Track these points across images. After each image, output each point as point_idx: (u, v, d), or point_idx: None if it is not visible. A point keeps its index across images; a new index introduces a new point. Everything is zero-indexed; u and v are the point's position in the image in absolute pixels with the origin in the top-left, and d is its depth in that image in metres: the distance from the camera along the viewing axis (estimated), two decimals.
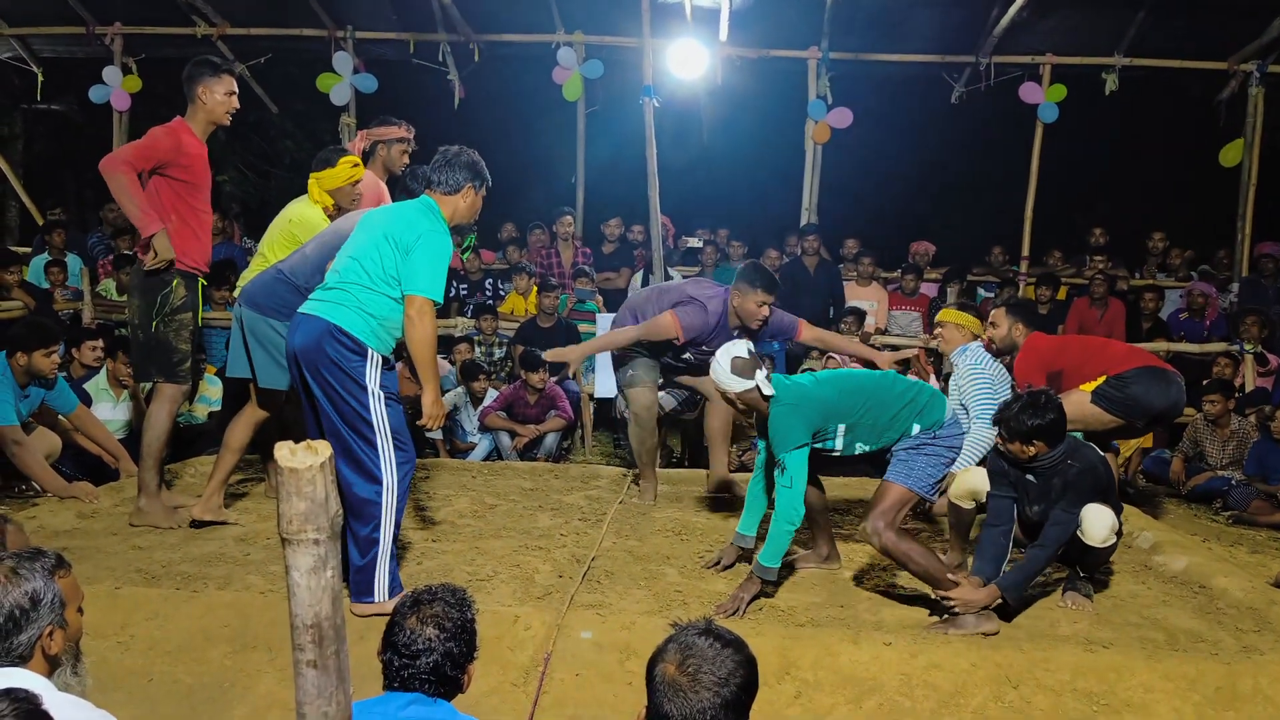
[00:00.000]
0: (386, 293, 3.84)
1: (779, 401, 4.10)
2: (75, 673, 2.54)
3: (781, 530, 4.03)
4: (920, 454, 4.06)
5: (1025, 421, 4.01)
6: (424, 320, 3.83)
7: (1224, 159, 9.81)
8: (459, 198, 4.02)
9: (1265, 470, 7.11)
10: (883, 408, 4.10)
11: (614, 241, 10.11)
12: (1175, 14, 9.20)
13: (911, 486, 4.02)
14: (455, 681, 2.51)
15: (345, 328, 3.76)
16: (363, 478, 3.82)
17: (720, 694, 1.95)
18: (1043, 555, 4.06)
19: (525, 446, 7.85)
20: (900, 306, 9.67)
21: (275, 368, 4.52)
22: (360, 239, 3.96)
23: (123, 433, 6.57)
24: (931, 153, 14.00)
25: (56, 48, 10.87)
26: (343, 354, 3.75)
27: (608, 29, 9.86)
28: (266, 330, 4.53)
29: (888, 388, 4.17)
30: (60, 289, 9.12)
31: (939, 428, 4.07)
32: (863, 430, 4.12)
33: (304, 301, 4.32)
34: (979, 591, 3.94)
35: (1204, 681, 3.60)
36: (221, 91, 4.78)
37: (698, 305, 5.28)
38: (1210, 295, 9.57)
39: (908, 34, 9.71)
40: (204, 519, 4.82)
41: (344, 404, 3.78)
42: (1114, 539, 4.19)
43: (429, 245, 3.84)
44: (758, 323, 5.29)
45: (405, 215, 3.95)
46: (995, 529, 4.23)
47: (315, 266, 4.44)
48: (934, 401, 4.12)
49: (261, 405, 4.82)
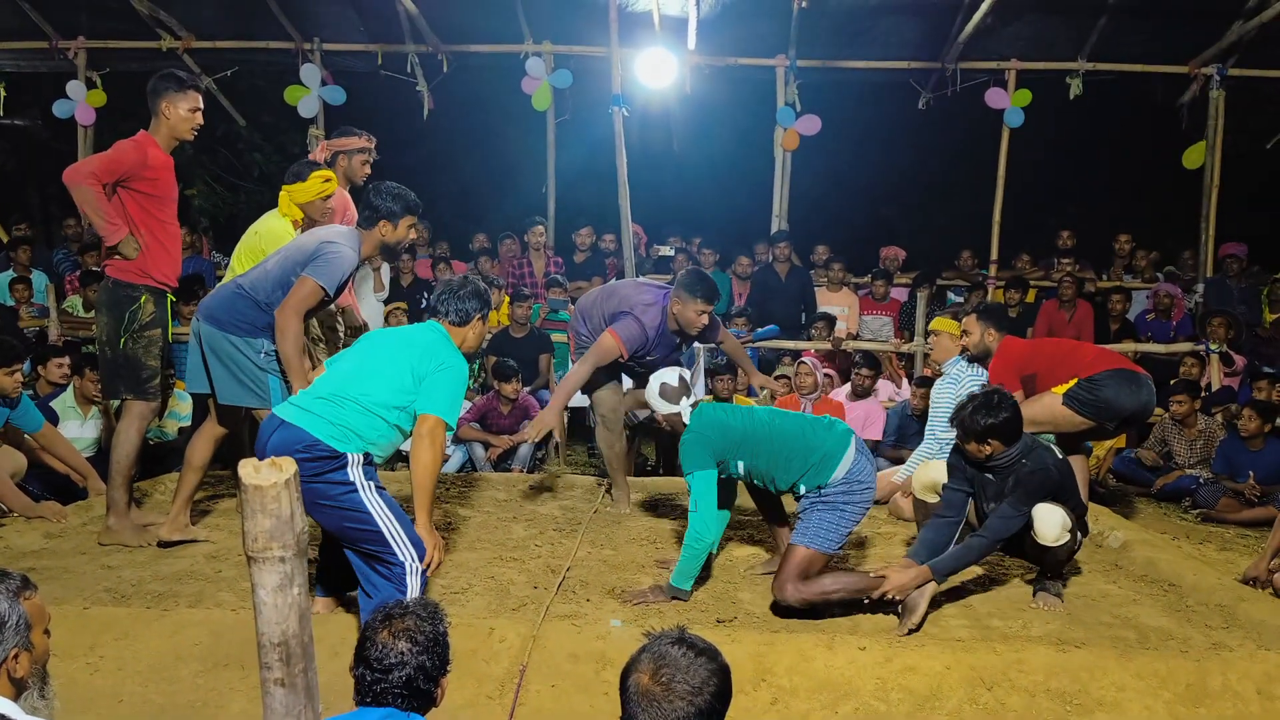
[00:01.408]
0: (384, 416, 3.64)
1: (689, 428, 4.31)
2: (42, 695, 2.50)
3: (689, 552, 4.17)
4: (815, 511, 4.11)
5: (979, 421, 4.09)
6: (435, 443, 3.64)
7: (1187, 161, 9.95)
8: (468, 329, 3.93)
9: (1232, 468, 7.20)
10: (780, 456, 4.19)
11: (585, 250, 10.11)
12: (1137, 19, 9.32)
13: (810, 545, 4.05)
14: (429, 695, 2.49)
15: (327, 442, 3.52)
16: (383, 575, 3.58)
17: (694, 703, 1.95)
18: (979, 544, 4.12)
19: (499, 457, 7.82)
20: (871, 311, 9.74)
21: (234, 383, 4.43)
22: (368, 354, 3.79)
23: (91, 450, 6.49)
24: (900, 158, 14.11)
25: (19, 62, 10.74)
26: (317, 465, 3.50)
27: (576, 39, 9.87)
28: (225, 346, 4.40)
29: (786, 439, 4.21)
30: (25, 306, 9.02)
31: (826, 487, 4.11)
32: (759, 471, 4.27)
33: (265, 318, 4.32)
34: (907, 572, 4.02)
35: (1175, 679, 3.64)
36: (185, 107, 4.72)
37: (633, 319, 5.30)
38: (1176, 296, 9.70)
39: (874, 41, 9.79)
40: (171, 539, 4.76)
41: (333, 510, 3.55)
42: (1068, 537, 4.23)
43: (451, 372, 3.72)
44: (696, 330, 5.33)
45: (422, 340, 3.80)
46: (942, 519, 4.31)
47: (276, 282, 4.35)
48: (824, 463, 4.12)
49: (221, 421, 4.74)
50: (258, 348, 4.37)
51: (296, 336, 4.28)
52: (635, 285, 5.72)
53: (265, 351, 4.37)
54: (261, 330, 4.37)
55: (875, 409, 7.72)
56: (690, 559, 4.17)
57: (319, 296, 4.31)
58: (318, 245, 4.33)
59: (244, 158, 13.20)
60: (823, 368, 8.07)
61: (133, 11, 9.46)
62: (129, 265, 4.71)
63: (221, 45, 10.15)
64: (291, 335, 4.26)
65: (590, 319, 5.57)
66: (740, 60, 9.99)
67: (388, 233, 4.40)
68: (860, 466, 4.15)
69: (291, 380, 4.29)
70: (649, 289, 5.53)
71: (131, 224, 4.67)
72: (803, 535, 4.09)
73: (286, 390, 4.33)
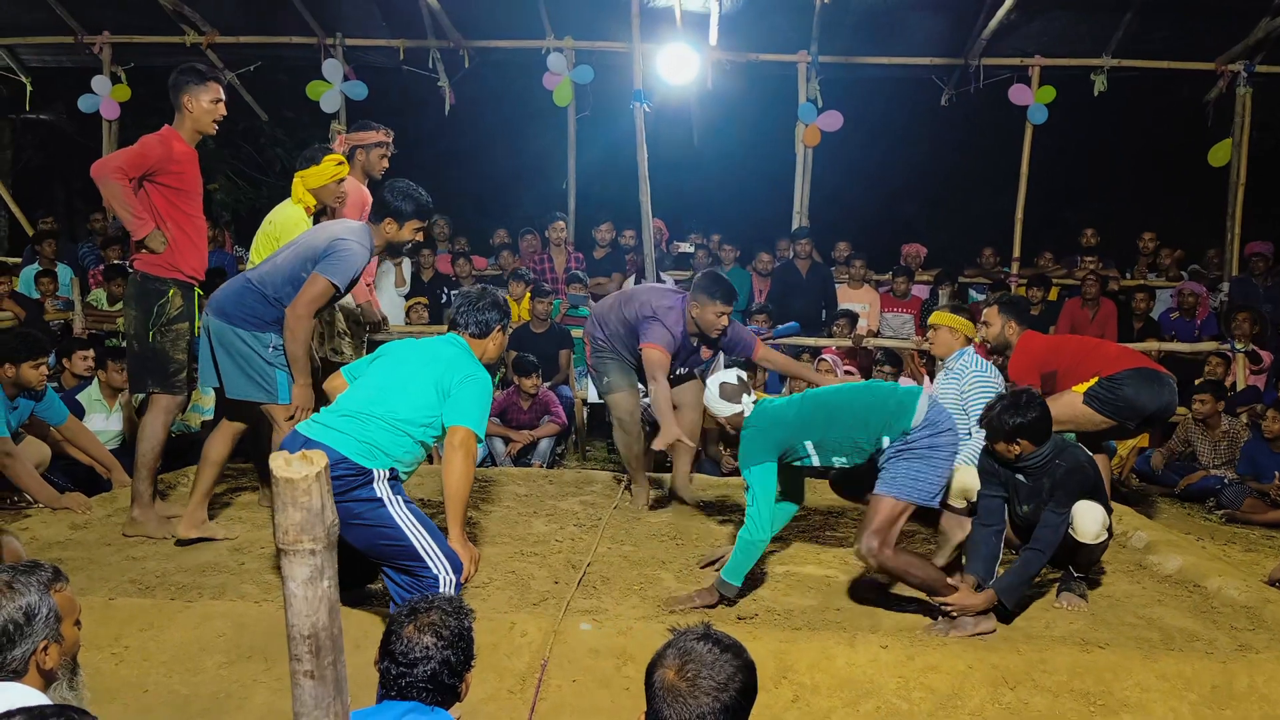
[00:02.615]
0: (409, 433, 3.63)
1: (747, 424, 4.23)
2: (72, 687, 2.53)
3: (743, 546, 4.09)
4: (902, 460, 3.97)
5: (1007, 421, 4.02)
6: (468, 455, 3.63)
7: (1213, 159, 9.86)
8: (488, 341, 3.93)
9: (1257, 469, 7.13)
10: (846, 421, 4.09)
11: (605, 246, 10.11)
12: (1163, 15, 9.25)
13: (898, 495, 3.93)
14: (453, 689, 2.51)
15: (353, 459, 3.51)
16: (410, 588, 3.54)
17: (719, 699, 1.95)
18: (1037, 559, 4.05)
19: (519, 452, 7.84)
20: (892, 309, 9.69)
21: (242, 378, 4.41)
22: (391, 371, 3.75)
23: (115, 443, 6.54)
24: (922, 155, 14.06)
25: (45, 57, 10.84)
26: (344, 482, 3.46)
27: (597, 34, 9.87)
28: (234, 340, 4.37)
29: (851, 401, 4.15)
30: (50, 299, 9.08)
31: (911, 433, 3.98)
32: (831, 444, 4.13)
33: (274, 312, 4.31)
34: (976, 596, 3.94)
35: (1200, 680, 3.61)
36: (207, 100, 4.75)
37: (658, 323, 5.28)
38: (1201, 295, 9.61)
39: (897, 37, 9.75)
40: (189, 536, 4.72)
41: (363, 529, 3.51)
42: (1105, 536, 4.20)
43: (477, 385, 3.71)
44: (716, 333, 5.30)
45: (445, 355, 3.79)
46: (987, 529, 4.22)
47: (287, 277, 4.33)
48: (900, 410, 4.01)
49: (235, 416, 4.72)
50: (266, 342, 4.36)
51: (306, 335, 4.28)
52: (653, 290, 5.72)
53: (273, 346, 4.35)
54: (270, 325, 4.35)
55: None
56: (744, 554, 4.09)
57: (330, 294, 4.30)
58: (330, 242, 4.31)
59: (266, 153, 13.29)
60: (844, 365, 8.04)
61: (157, 7, 9.52)
62: (157, 259, 4.74)
63: (245, 40, 10.21)
64: (301, 335, 4.26)
65: (607, 324, 5.56)
66: (762, 56, 9.96)
67: (392, 231, 4.42)
68: (939, 410, 4.06)
69: (297, 378, 4.31)
70: (667, 293, 5.52)
71: (158, 218, 4.70)
72: (888, 485, 3.94)
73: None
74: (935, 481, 3.98)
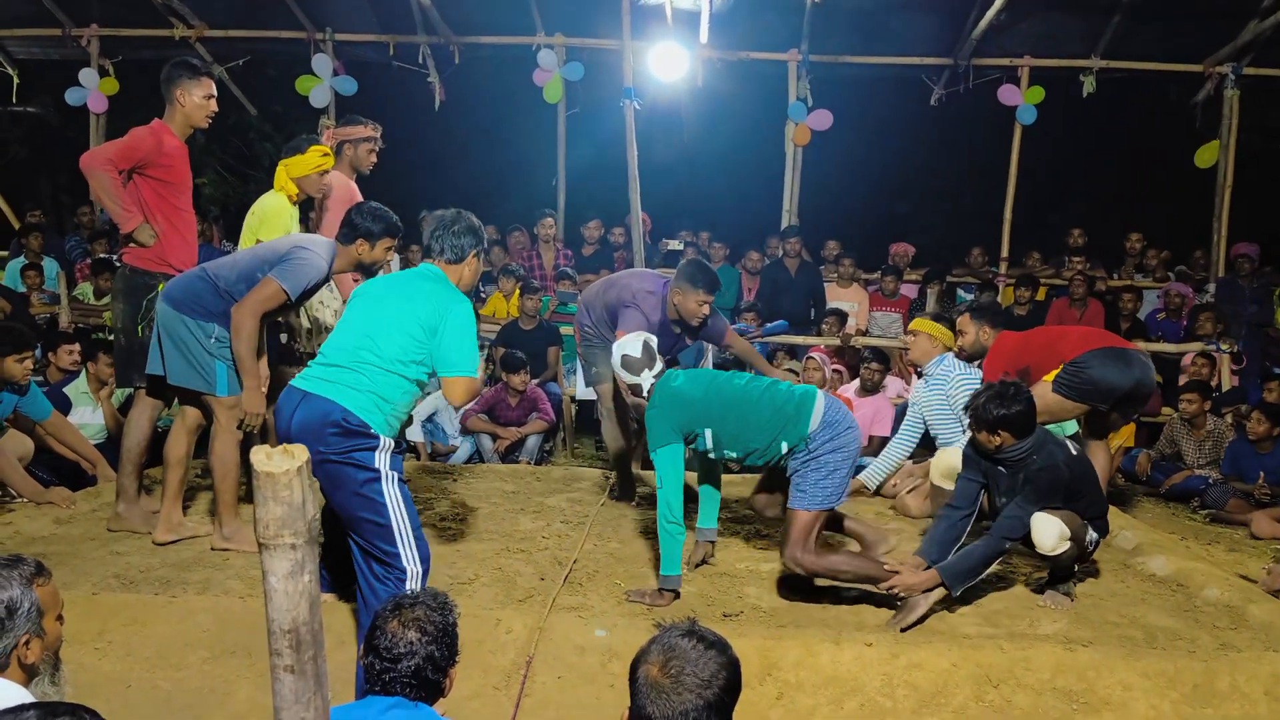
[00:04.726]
0: (402, 373, 3.54)
1: (650, 404, 4.21)
2: (54, 682, 2.51)
3: (661, 535, 4.11)
4: (810, 471, 4.03)
5: (991, 411, 4.07)
6: (471, 394, 3.76)
7: (1200, 160, 9.91)
8: (463, 266, 3.82)
9: (1241, 470, 7.16)
10: (748, 420, 4.11)
11: (594, 243, 10.10)
12: (1151, 17, 9.28)
13: (809, 507, 4.00)
14: (437, 685, 2.50)
15: (356, 413, 3.44)
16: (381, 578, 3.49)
17: (703, 695, 1.95)
18: (988, 547, 4.07)
19: (507, 449, 7.83)
20: (881, 308, 9.71)
21: (183, 363, 4.35)
22: (369, 315, 3.63)
23: (100, 437, 6.51)
24: (911, 155, 14.08)
25: (32, 49, 10.77)
26: (349, 441, 3.43)
27: (588, 31, 9.86)
28: (177, 326, 4.32)
29: (755, 400, 4.14)
30: (37, 293, 9.04)
31: (812, 439, 4.01)
32: (727, 437, 4.15)
33: (222, 305, 4.27)
34: (918, 575, 3.99)
35: (1182, 679, 3.64)
36: (200, 94, 4.74)
37: (635, 310, 5.27)
38: (1187, 295, 9.65)
39: (887, 36, 9.77)
40: (166, 539, 4.66)
41: (353, 497, 3.46)
42: (1065, 546, 4.17)
43: (459, 322, 3.60)
44: (697, 321, 5.31)
45: (423, 290, 3.66)
46: (955, 510, 4.27)
47: (241, 274, 4.28)
48: (798, 414, 4.04)
49: (185, 402, 4.61)
50: (208, 332, 4.30)
51: (251, 335, 4.21)
52: (636, 275, 5.70)
53: (215, 337, 4.31)
54: (215, 316, 4.30)
55: (884, 405, 7.69)
56: (665, 543, 4.10)
57: (280, 300, 4.23)
58: (290, 248, 4.28)
59: (255, 147, 13.22)
60: (831, 363, 8.05)
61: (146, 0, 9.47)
62: (146, 253, 4.72)
63: (234, 34, 10.17)
64: (246, 334, 4.19)
65: (593, 310, 5.60)
66: (752, 54, 9.97)
67: (364, 252, 4.38)
68: (834, 407, 4.09)
69: (245, 379, 4.27)
70: (650, 278, 5.51)
71: (147, 211, 4.69)
72: (800, 500, 4.01)
73: (236, 379, 4.32)
74: (841, 481, 4.07)
